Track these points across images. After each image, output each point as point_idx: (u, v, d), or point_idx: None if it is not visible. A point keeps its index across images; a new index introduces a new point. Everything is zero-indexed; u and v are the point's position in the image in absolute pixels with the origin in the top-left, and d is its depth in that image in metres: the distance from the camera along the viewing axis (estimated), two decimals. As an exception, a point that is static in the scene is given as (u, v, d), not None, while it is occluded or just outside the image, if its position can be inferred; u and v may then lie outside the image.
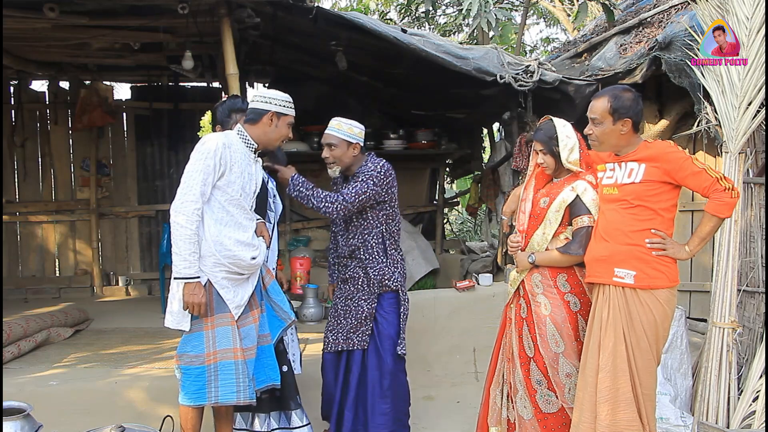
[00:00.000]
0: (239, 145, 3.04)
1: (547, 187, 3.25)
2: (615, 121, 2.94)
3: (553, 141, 3.14)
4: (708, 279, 4.59)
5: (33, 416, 2.71)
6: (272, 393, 3.35)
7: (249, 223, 3.10)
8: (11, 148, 7.04)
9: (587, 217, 3.08)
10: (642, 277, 2.89)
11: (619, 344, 2.90)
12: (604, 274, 2.94)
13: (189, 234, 2.88)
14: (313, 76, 7.19)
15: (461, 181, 11.20)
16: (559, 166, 3.18)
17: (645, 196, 2.91)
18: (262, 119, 3.06)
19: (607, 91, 3.03)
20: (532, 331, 3.18)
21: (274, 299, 3.29)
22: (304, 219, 7.31)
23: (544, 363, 3.13)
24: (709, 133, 4.02)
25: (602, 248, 2.96)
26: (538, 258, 3.15)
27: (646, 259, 2.90)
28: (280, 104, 3.08)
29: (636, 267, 2.89)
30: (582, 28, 7.77)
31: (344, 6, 11.51)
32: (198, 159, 2.92)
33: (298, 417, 3.39)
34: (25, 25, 4.57)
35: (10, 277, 6.99)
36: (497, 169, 6.36)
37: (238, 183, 2.99)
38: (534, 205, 3.24)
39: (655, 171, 2.89)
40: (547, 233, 3.15)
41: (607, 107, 2.94)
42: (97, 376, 4.07)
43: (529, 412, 3.17)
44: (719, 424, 3.51)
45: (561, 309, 3.12)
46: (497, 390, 3.36)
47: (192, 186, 2.89)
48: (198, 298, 2.90)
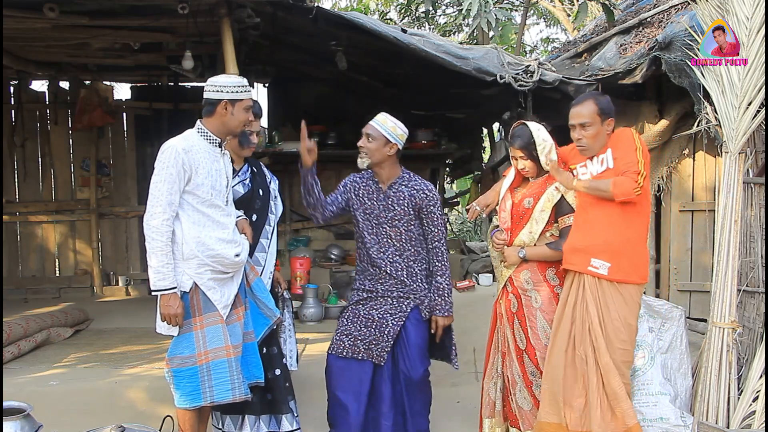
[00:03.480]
0: (201, 144, 2.99)
1: (527, 187, 3.34)
2: (603, 122, 3.08)
3: (532, 146, 3.22)
4: (708, 279, 4.59)
5: (33, 416, 2.71)
6: (264, 395, 3.35)
7: (227, 220, 3.08)
8: (11, 148, 7.03)
9: (573, 215, 3.19)
10: (615, 270, 3.01)
11: (598, 340, 3.03)
12: (580, 264, 3.07)
13: (160, 246, 2.87)
14: (313, 76, 7.19)
15: (461, 181, 11.21)
16: (539, 169, 3.27)
17: None
18: (216, 109, 2.99)
19: (587, 96, 3.19)
20: (524, 324, 3.28)
21: (258, 296, 3.27)
22: (304, 219, 7.30)
23: (535, 355, 3.24)
24: (709, 133, 4.02)
25: (581, 238, 3.08)
26: (528, 253, 3.24)
27: (622, 251, 3.02)
28: (231, 91, 2.98)
29: (611, 259, 3.01)
30: (582, 28, 7.77)
31: (344, 6, 11.52)
32: (161, 169, 2.89)
33: (288, 421, 3.37)
34: (25, 25, 4.57)
35: (10, 277, 6.98)
36: (497, 169, 6.36)
37: (206, 183, 2.96)
38: (517, 204, 3.31)
39: (614, 154, 3.05)
40: (534, 232, 3.24)
41: (595, 109, 3.07)
42: (97, 376, 4.07)
43: (529, 403, 3.29)
44: (719, 424, 3.51)
45: (551, 301, 3.24)
46: (491, 383, 3.46)
47: (158, 197, 2.88)
48: (173, 309, 2.89)
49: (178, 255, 2.94)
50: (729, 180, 3.67)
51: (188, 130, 3.06)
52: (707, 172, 4.86)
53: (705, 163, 4.87)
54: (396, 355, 3.39)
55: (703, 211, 4.78)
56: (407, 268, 3.36)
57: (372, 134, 3.34)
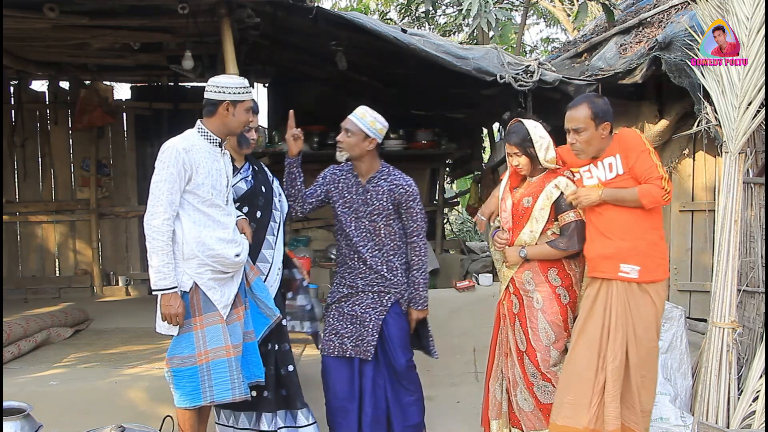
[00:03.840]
0: (201, 144, 2.99)
1: (525, 186, 3.34)
2: (597, 126, 3.06)
3: (527, 142, 3.21)
4: (708, 279, 4.59)
5: (33, 416, 2.71)
6: (278, 392, 3.37)
7: (227, 219, 3.08)
8: (11, 148, 7.02)
9: (573, 212, 3.18)
10: (644, 272, 3.03)
11: (630, 342, 3.06)
12: (610, 270, 3.06)
13: (161, 246, 2.87)
14: (313, 76, 7.18)
15: (461, 181, 11.20)
16: (534, 166, 3.26)
17: (634, 184, 3.03)
18: (218, 110, 2.99)
19: (582, 100, 3.16)
20: (524, 325, 3.27)
21: (258, 296, 3.27)
22: (304, 219, 7.30)
23: (536, 356, 3.23)
24: (709, 133, 4.02)
25: (607, 245, 3.07)
26: (529, 252, 3.23)
27: (649, 253, 3.04)
28: (234, 92, 2.98)
29: (640, 262, 3.02)
30: (582, 28, 7.76)
31: (344, 6, 11.52)
32: (161, 169, 2.90)
33: (304, 416, 3.39)
34: (25, 25, 4.57)
35: (10, 277, 6.98)
36: (497, 169, 6.36)
37: (207, 183, 2.96)
38: (516, 204, 3.31)
39: (625, 160, 3.04)
40: (534, 231, 3.23)
41: (588, 114, 3.05)
42: (97, 376, 4.07)
43: (530, 404, 3.27)
44: (719, 424, 3.51)
45: (553, 302, 3.22)
46: (496, 384, 3.46)
47: (158, 197, 2.88)
48: (174, 309, 2.89)
49: (179, 255, 2.94)
50: (729, 180, 3.67)
51: (188, 130, 3.06)
52: (707, 172, 4.86)
53: (705, 163, 4.87)
54: (377, 348, 3.41)
55: (703, 211, 4.77)
56: (387, 263, 3.38)
57: (351, 129, 3.34)
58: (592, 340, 3.08)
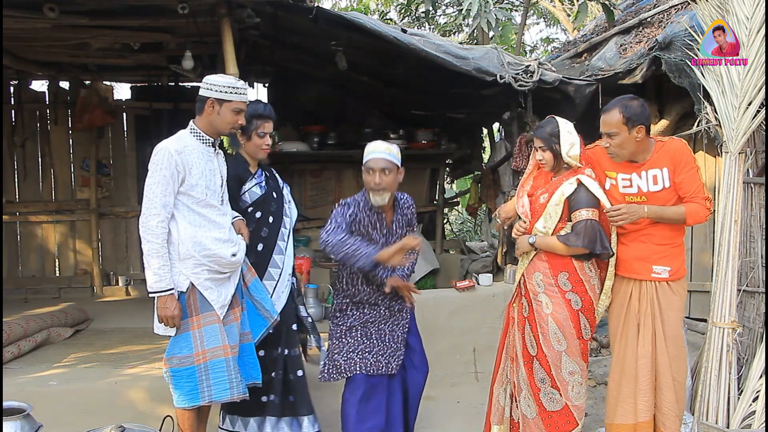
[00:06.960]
0: (194, 144, 2.98)
1: (545, 185, 3.31)
2: (630, 130, 3.07)
3: (554, 138, 3.19)
4: (708, 279, 4.58)
5: (33, 416, 2.71)
6: (286, 397, 3.37)
7: (223, 219, 3.08)
8: (11, 148, 7.03)
9: (585, 210, 3.14)
10: (673, 273, 3.18)
11: (658, 339, 3.20)
12: (643, 272, 3.21)
13: (156, 248, 2.87)
14: (313, 76, 7.18)
15: (461, 181, 11.19)
16: (558, 163, 3.23)
17: (676, 197, 3.16)
18: (204, 107, 2.98)
19: (615, 103, 3.13)
20: (534, 330, 3.22)
21: (255, 297, 3.27)
22: (304, 219, 7.30)
23: (547, 361, 3.17)
24: (709, 133, 4.02)
25: (641, 248, 3.20)
26: (538, 240, 3.22)
27: (677, 254, 3.22)
28: (220, 90, 2.95)
29: (670, 263, 3.18)
30: (582, 28, 7.77)
31: (344, 6, 11.53)
32: (154, 171, 2.89)
33: (310, 423, 3.38)
34: (25, 25, 4.57)
35: (10, 277, 6.98)
36: (497, 169, 6.36)
37: (201, 184, 2.95)
38: (534, 201, 3.29)
39: (673, 174, 3.13)
40: (548, 226, 3.20)
41: (620, 118, 3.06)
42: (97, 376, 4.06)
43: (533, 411, 3.21)
44: (719, 424, 3.51)
45: (563, 308, 3.16)
46: (501, 389, 3.42)
47: (152, 200, 2.87)
48: (170, 311, 2.89)
49: (175, 255, 2.94)
50: (729, 180, 3.67)
51: (181, 131, 3.05)
52: (707, 172, 4.85)
53: (705, 163, 4.87)
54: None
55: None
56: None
57: (387, 167, 3.17)
58: (631, 339, 3.22)
